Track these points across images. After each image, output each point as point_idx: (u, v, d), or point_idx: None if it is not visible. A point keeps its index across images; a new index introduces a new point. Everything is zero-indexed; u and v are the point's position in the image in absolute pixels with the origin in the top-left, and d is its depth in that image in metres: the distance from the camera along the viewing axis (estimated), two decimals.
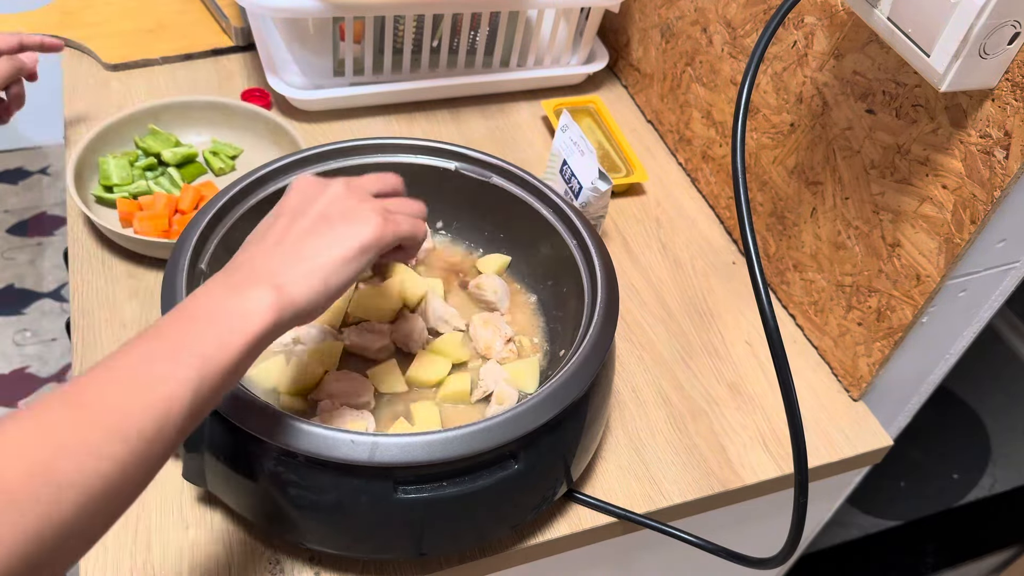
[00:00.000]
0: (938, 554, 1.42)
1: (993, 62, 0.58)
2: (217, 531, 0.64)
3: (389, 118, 1.01)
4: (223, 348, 0.45)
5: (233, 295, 0.48)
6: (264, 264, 0.51)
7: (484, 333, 0.72)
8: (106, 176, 0.85)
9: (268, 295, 0.48)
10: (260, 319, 0.47)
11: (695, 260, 0.91)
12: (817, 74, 0.77)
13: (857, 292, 0.77)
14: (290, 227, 0.54)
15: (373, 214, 0.55)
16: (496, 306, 0.75)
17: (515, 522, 0.64)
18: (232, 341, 0.46)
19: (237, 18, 1.06)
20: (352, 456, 0.53)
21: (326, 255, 0.52)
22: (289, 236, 0.53)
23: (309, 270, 0.51)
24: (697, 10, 0.93)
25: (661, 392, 0.79)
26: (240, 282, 0.49)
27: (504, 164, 0.75)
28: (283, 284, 0.49)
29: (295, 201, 0.56)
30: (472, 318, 0.73)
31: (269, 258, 0.52)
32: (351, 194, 0.56)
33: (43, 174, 2.11)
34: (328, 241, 0.53)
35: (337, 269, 0.52)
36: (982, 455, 1.59)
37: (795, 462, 0.56)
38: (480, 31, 1.00)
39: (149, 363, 0.43)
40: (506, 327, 0.73)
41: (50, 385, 1.69)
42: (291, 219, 0.55)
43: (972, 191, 0.64)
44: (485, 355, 0.72)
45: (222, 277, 0.51)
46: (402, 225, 0.57)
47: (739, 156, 0.57)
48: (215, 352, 0.45)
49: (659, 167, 1.01)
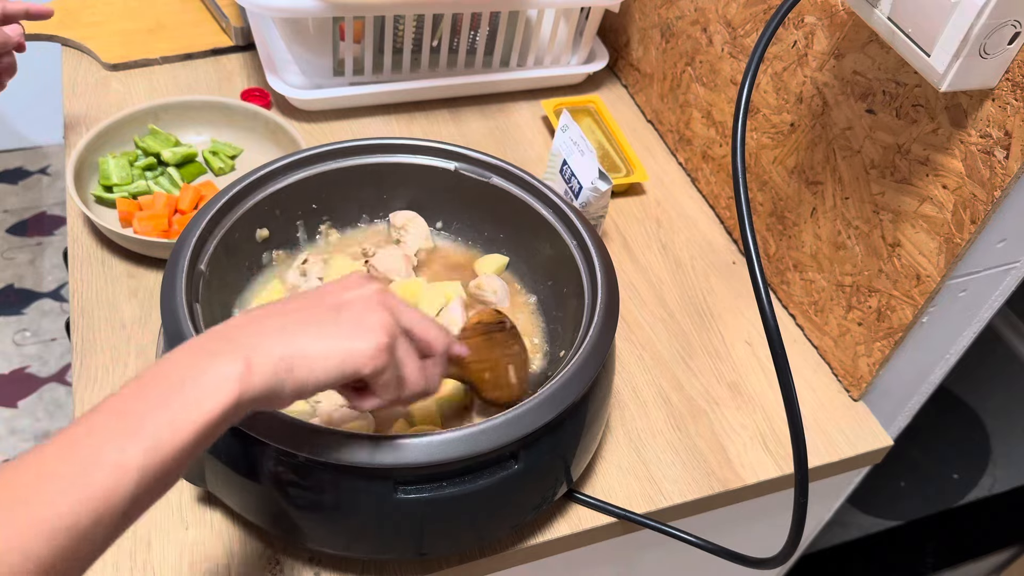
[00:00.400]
0: (938, 554, 1.42)
1: (993, 62, 0.58)
2: (217, 531, 0.64)
3: (389, 118, 1.01)
4: (175, 432, 0.41)
5: (199, 362, 0.44)
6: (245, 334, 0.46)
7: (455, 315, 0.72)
8: (106, 176, 0.85)
9: (234, 370, 0.43)
10: (219, 399, 0.42)
11: (695, 260, 0.91)
12: (817, 74, 0.77)
13: (857, 292, 0.77)
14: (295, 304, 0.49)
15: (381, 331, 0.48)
16: (497, 306, 0.75)
17: (515, 522, 0.64)
18: (185, 426, 0.41)
19: (237, 18, 1.06)
20: (352, 457, 0.53)
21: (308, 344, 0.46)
22: (288, 312, 0.48)
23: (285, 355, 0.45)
24: (697, 10, 0.93)
25: (661, 392, 0.79)
26: (212, 350, 0.44)
27: (504, 164, 0.75)
28: (253, 362, 0.44)
29: (330, 286, 0.51)
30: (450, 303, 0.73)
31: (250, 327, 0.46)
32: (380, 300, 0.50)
33: (43, 174, 2.11)
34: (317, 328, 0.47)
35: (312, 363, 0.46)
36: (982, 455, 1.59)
37: (795, 462, 0.56)
38: (480, 31, 1.00)
39: (96, 447, 0.39)
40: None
41: (50, 385, 1.69)
42: (306, 298, 0.50)
43: (972, 191, 0.64)
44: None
45: (200, 339, 0.46)
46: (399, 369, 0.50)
47: (739, 156, 0.57)
48: (167, 437, 0.40)
49: (659, 167, 1.01)
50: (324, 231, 0.78)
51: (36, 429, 1.62)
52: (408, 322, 0.52)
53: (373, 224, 0.79)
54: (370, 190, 0.77)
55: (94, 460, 0.39)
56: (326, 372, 0.46)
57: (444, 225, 0.80)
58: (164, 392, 0.42)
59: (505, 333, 0.66)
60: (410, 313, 0.53)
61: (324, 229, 0.78)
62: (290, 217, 0.74)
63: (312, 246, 0.77)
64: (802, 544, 0.92)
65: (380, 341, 0.48)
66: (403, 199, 0.78)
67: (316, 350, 0.46)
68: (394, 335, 0.49)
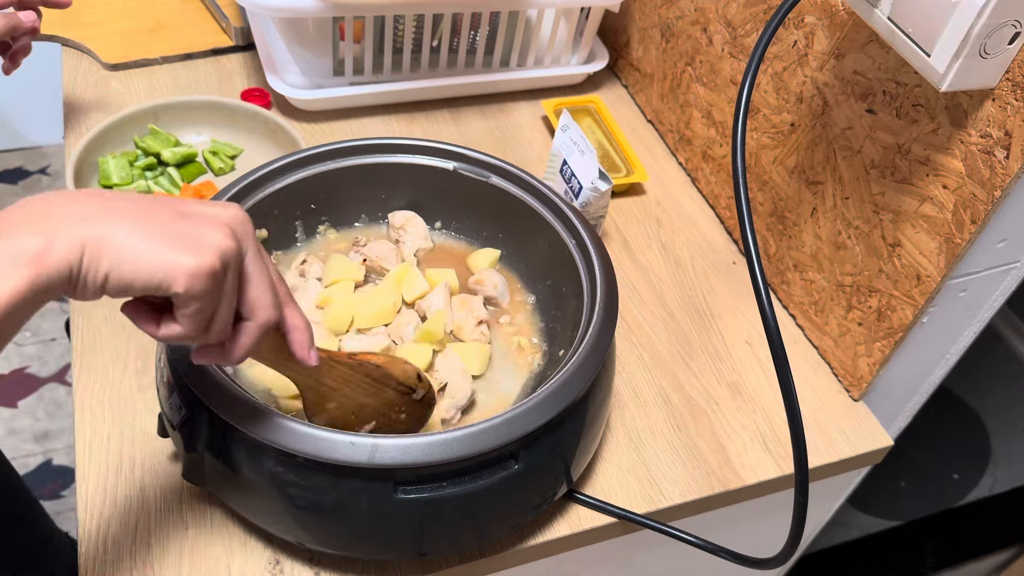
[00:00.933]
0: (938, 554, 1.42)
1: (993, 62, 0.58)
2: (217, 531, 0.64)
3: (389, 118, 1.01)
4: None
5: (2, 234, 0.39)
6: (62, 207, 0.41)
7: (459, 314, 0.72)
8: (106, 176, 0.85)
9: (32, 247, 0.38)
10: (11, 284, 0.38)
11: (695, 260, 0.91)
12: (817, 74, 0.77)
13: (857, 292, 0.77)
14: (142, 197, 0.44)
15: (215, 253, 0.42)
16: (497, 301, 0.75)
17: (515, 522, 0.64)
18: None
19: (237, 18, 1.06)
20: (352, 457, 0.53)
21: (125, 236, 0.40)
22: (126, 199, 0.43)
23: (94, 237, 0.40)
24: (697, 10, 0.93)
25: (661, 392, 0.79)
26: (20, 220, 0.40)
27: (503, 164, 0.75)
28: (55, 240, 0.39)
29: (192, 199, 0.46)
30: (454, 299, 0.74)
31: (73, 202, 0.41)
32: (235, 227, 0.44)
33: (43, 174, 2.11)
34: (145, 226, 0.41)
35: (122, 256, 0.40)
36: (982, 455, 1.59)
37: (795, 462, 0.56)
38: (480, 31, 1.00)
39: None
40: (482, 310, 0.73)
41: (50, 385, 1.69)
42: (158, 198, 0.44)
43: (972, 191, 0.64)
44: (456, 334, 0.72)
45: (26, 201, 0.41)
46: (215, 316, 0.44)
47: (739, 156, 0.57)
48: None
49: (659, 167, 1.01)
50: (323, 231, 0.78)
51: (36, 429, 1.62)
52: (252, 267, 0.45)
53: (372, 224, 0.79)
54: (369, 190, 0.77)
55: None
56: (133, 273, 0.40)
57: (443, 225, 0.80)
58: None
59: (403, 398, 0.61)
60: (261, 261, 0.46)
61: (323, 229, 0.78)
62: (289, 217, 0.74)
63: (310, 246, 0.77)
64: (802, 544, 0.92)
65: (207, 261, 0.41)
66: (402, 199, 0.78)
67: (132, 245, 0.40)
68: (227, 265, 0.43)
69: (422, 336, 0.70)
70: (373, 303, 0.72)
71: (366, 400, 0.60)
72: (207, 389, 0.55)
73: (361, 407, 0.60)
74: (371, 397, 0.60)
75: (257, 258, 0.45)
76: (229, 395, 0.55)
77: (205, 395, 0.55)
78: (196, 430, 0.58)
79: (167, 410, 0.60)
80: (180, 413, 0.58)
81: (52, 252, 0.39)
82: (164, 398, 0.61)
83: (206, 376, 0.56)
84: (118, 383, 0.72)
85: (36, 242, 0.38)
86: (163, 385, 0.61)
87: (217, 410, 0.55)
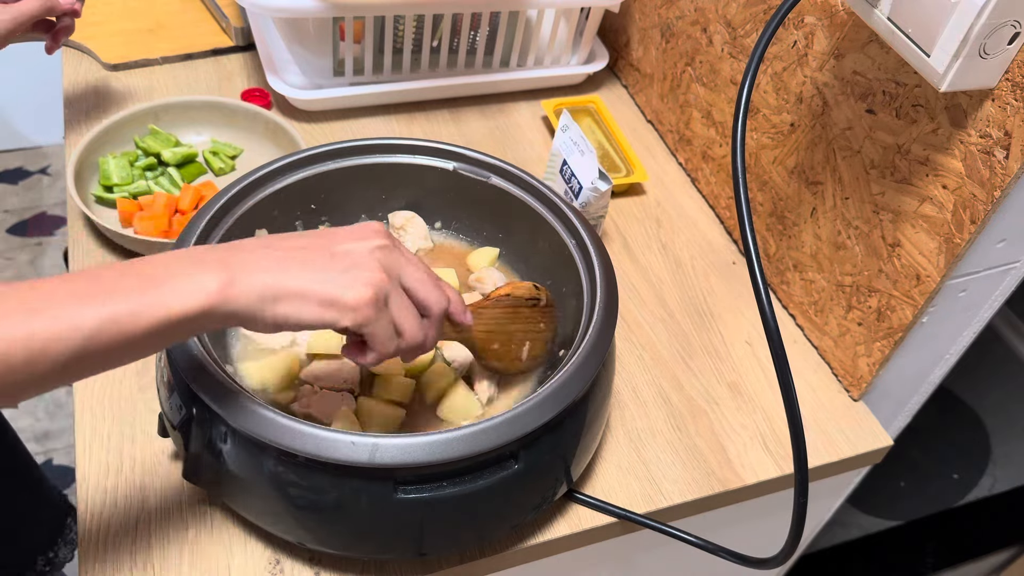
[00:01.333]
0: (938, 554, 1.42)
1: (993, 62, 0.58)
2: (217, 531, 0.64)
3: (389, 118, 1.01)
4: (135, 316, 0.44)
5: (185, 267, 0.47)
6: (235, 256, 0.49)
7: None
8: (106, 176, 0.85)
9: (212, 283, 0.46)
10: (188, 302, 0.45)
11: (695, 260, 0.91)
12: (817, 74, 0.77)
13: (857, 292, 0.77)
14: (299, 242, 0.51)
15: (368, 287, 0.50)
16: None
17: (515, 522, 0.64)
18: (148, 313, 0.45)
19: (237, 18, 1.06)
20: (352, 457, 0.53)
21: (288, 279, 0.49)
22: (288, 248, 0.51)
23: (262, 280, 0.48)
24: (697, 10, 0.93)
25: (661, 392, 0.79)
26: (203, 259, 0.48)
27: (503, 164, 0.75)
28: (235, 280, 0.47)
29: (338, 232, 0.53)
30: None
31: (245, 253, 0.49)
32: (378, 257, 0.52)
33: (43, 174, 2.11)
34: (310, 272, 0.49)
35: (289, 297, 0.48)
36: (982, 455, 1.59)
37: (795, 462, 0.56)
38: (480, 31, 1.00)
39: (63, 299, 0.43)
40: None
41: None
42: (311, 239, 0.52)
43: (972, 191, 0.64)
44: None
45: (200, 248, 0.50)
46: (380, 327, 0.51)
47: (739, 156, 0.57)
48: (126, 316, 0.44)
49: (659, 167, 1.01)
50: None
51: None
52: (409, 280, 0.53)
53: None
54: (369, 190, 0.77)
55: (54, 309, 0.43)
56: (309, 313, 0.49)
57: (443, 225, 0.80)
58: (143, 280, 0.45)
59: (534, 310, 0.67)
60: (413, 271, 0.54)
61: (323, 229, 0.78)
62: (289, 217, 0.74)
63: None
64: (802, 544, 0.92)
65: (364, 296, 0.49)
66: (402, 199, 0.78)
67: (302, 288, 0.49)
68: (382, 292, 0.51)
69: None
70: None
71: (514, 327, 0.66)
72: (207, 389, 0.55)
73: (513, 335, 0.67)
74: (517, 322, 0.66)
75: (410, 266, 0.54)
76: (229, 395, 0.55)
77: (205, 395, 0.55)
78: (196, 430, 0.58)
79: (167, 410, 0.60)
80: (180, 413, 0.58)
81: (232, 292, 0.47)
82: (164, 398, 0.61)
83: (206, 376, 0.56)
84: (118, 383, 0.72)
85: (216, 282, 0.47)
86: (163, 385, 0.61)
87: (217, 410, 0.55)
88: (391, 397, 0.67)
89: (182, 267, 0.47)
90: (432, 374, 0.69)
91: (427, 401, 0.68)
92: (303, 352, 0.69)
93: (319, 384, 0.66)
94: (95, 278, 0.45)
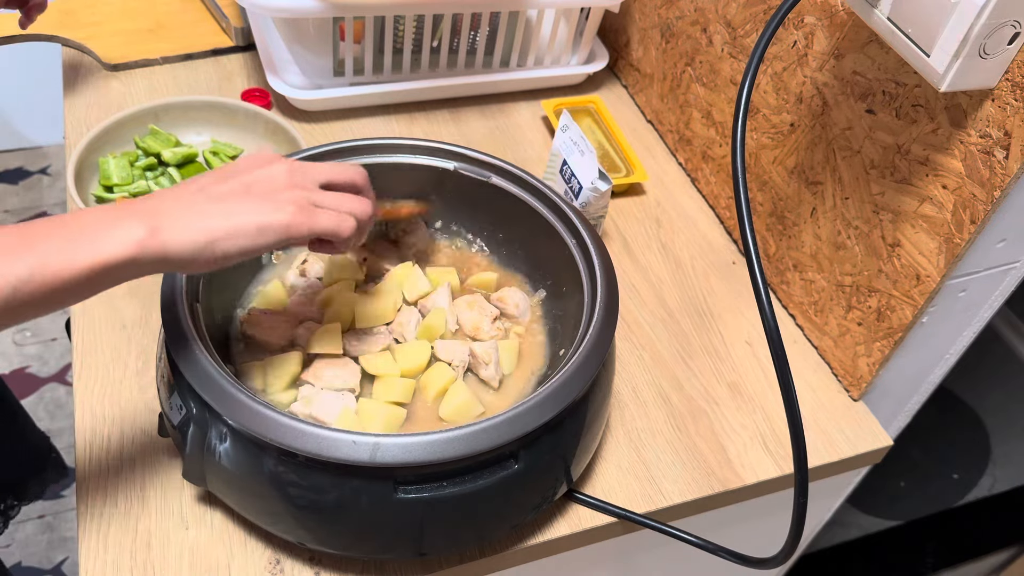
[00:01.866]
0: (938, 554, 1.42)
1: (993, 62, 0.58)
2: (217, 531, 0.64)
3: (389, 118, 1.01)
4: (66, 262, 0.47)
5: (109, 219, 0.50)
6: (160, 205, 0.52)
7: (470, 315, 0.72)
8: (106, 176, 0.85)
9: (138, 231, 0.49)
10: (116, 249, 0.48)
11: (695, 260, 0.91)
12: (817, 74, 0.77)
13: (857, 292, 0.77)
14: (211, 184, 0.55)
15: (290, 204, 0.55)
16: (518, 320, 0.75)
17: (515, 522, 0.64)
18: (78, 258, 0.47)
19: (237, 18, 1.06)
20: (353, 456, 0.53)
21: (221, 220, 0.53)
22: (203, 191, 0.54)
23: (197, 226, 0.52)
24: (697, 10, 0.93)
25: (661, 392, 0.79)
26: (126, 212, 0.51)
27: (503, 164, 0.75)
28: (161, 227, 0.50)
29: (237, 166, 0.57)
30: (455, 301, 0.74)
31: (169, 202, 0.53)
32: (288, 178, 0.56)
33: (43, 174, 2.11)
34: (233, 209, 0.53)
35: (228, 236, 0.52)
36: (982, 455, 1.59)
37: (795, 462, 0.56)
38: (480, 31, 1.00)
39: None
40: (490, 307, 0.73)
41: (50, 385, 1.69)
42: (218, 179, 0.55)
43: (972, 191, 0.64)
44: (473, 336, 0.72)
45: (121, 203, 0.52)
46: (320, 221, 0.56)
47: (739, 156, 0.57)
48: (57, 263, 0.47)
49: (659, 167, 1.01)
50: None
51: None
52: (322, 178, 0.59)
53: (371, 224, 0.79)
54: None
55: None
56: (247, 242, 0.53)
57: (443, 225, 0.80)
58: (70, 232, 0.49)
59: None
60: (319, 171, 0.59)
61: None
62: None
63: None
64: (802, 544, 0.92)
65: (288, 211, 0.54)
66: (402, 199, 0.78)
67: (233, 225, 0.53)
68: (303, 200, 0.56)
69: (422, 332, 0.71)
70: (374, 302, 0.72)
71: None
72: (207, 388, 0.55)
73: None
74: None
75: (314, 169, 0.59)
76: (229, 394, 0.55)
77: (205, 394, 0.55)
78: (196, 430, 0.58)
79: (167, 410, 0.60)
80: (180, 413, 0.58)
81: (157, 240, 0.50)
82: (164, 398, 0.61)
83: (206, 375, 0.56)
84: (118, 383, 0.72)
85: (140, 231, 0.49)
86: (163, 385, 0.61)
87: (217, 409, 0.55)
88: (391, 398, 0.67)
89: (110, 217, 0.50)
90: (432, 374, 0.69)
91: (427, 401, 0.69)
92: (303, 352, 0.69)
93: (320, 384, 0.67)
94: (26, 228, 0.48)
